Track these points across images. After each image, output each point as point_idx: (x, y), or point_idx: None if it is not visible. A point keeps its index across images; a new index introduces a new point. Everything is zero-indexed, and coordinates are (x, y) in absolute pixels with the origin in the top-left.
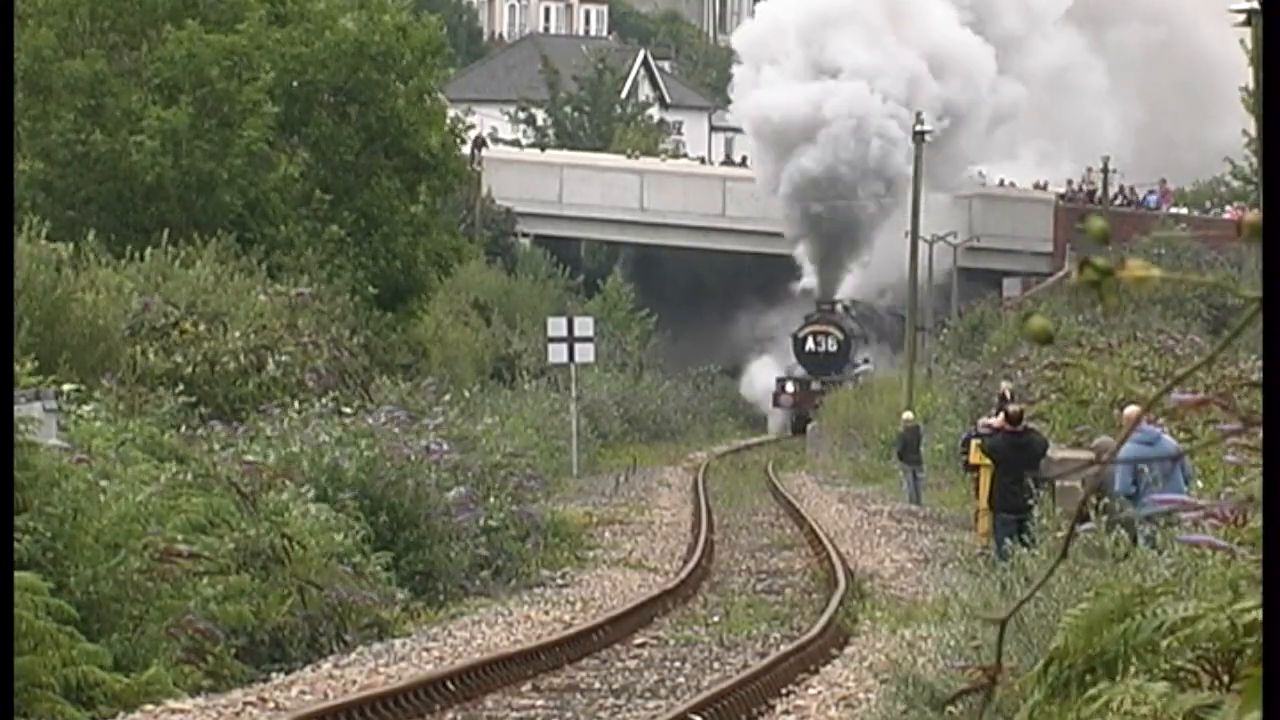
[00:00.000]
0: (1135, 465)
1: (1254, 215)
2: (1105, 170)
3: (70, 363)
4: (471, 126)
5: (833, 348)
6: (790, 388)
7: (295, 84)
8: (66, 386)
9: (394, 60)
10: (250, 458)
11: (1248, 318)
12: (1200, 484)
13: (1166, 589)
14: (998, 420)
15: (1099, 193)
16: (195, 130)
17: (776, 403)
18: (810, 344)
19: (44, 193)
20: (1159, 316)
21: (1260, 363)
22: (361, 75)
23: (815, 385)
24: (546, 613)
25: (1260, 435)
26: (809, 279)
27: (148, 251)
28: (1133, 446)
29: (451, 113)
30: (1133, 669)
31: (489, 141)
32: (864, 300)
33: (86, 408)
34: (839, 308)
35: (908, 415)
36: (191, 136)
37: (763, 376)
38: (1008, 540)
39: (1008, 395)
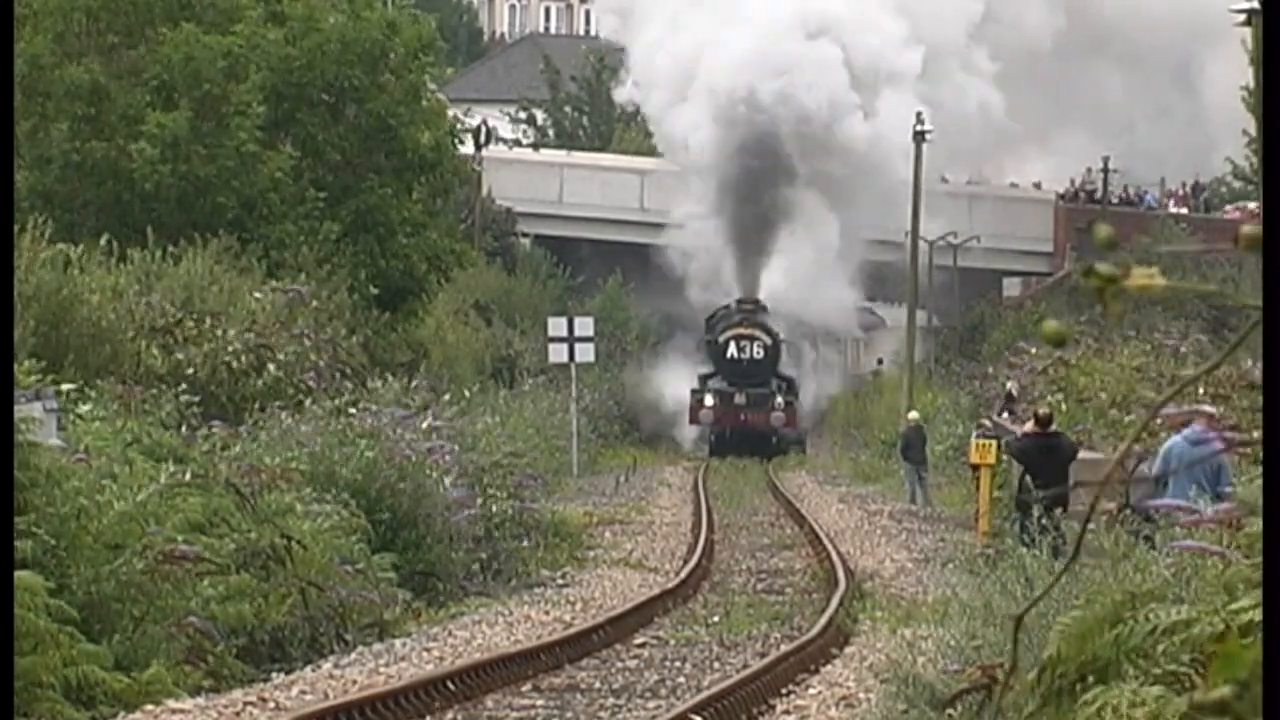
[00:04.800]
0: (1167, 460)
1: (1251, 227)
2: (1105, 170)
3: (75, 364)
4: (475, 129)
5: (759, 354)
6: (710, 400)
7: (286, 83)
8: (66, 386)
9: (384, 57)
10: (250, 460)
11: (1250, 328)
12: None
13: (1158, 594)
14: (1029, 425)
15: (1099, 192)
16: (194, 133)
17: (694, 418)
18: (733, 350)
19: (42, 200)
20: (1159, 316)
21: (1260, 365)
22: (350, 74)
23: (739, 398)
24: (546, 613)
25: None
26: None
27: (137, 251)
28: (1182, 444)
29: (451, 112)
30: (1127, 674)
31: (488, 130)
32: (786, 307)
33: (85, 407)
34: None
35: (913, 415)
36: (190, 140)
37: (674, 382)
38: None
39: (1013, 394)
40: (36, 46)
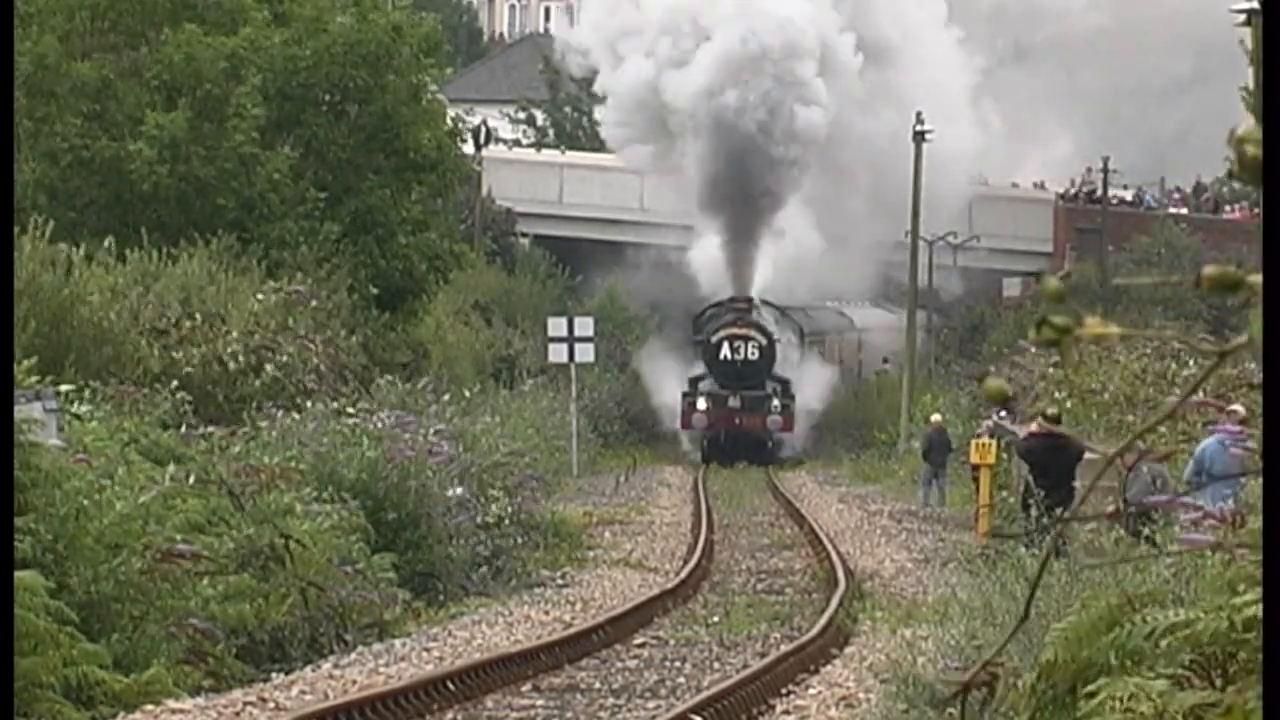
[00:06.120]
0: (1200, 462)
1: (1211, 269)
2: (1105, 170)
3: (75, 364)
4: (475, 129)
5: (754, 355)
6: (703, 404)
7: (292, 84)
8: (64, 387)
9: (389, 59)
10: (249, 460)
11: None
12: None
13: (1157, 595)
14: (1035, 425)
15: (1099, 192)
16: (193, 134)
17: (686, 423)
18: (726, 350)
19: (46, 195)
20: (1160, 316)
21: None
22: (355, 74)
23: (734, 401)
24: (546, 613)
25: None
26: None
27: (136, 252)
28: (1215, 446)
29: (451, 112)
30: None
31: (487, 130)
32: (775, 301)
33: (83, 407)
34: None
35: (935, 418)
36: (190, 140)
37: (668, 383)
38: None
39: (1011, 395)
40: (45, 46)
